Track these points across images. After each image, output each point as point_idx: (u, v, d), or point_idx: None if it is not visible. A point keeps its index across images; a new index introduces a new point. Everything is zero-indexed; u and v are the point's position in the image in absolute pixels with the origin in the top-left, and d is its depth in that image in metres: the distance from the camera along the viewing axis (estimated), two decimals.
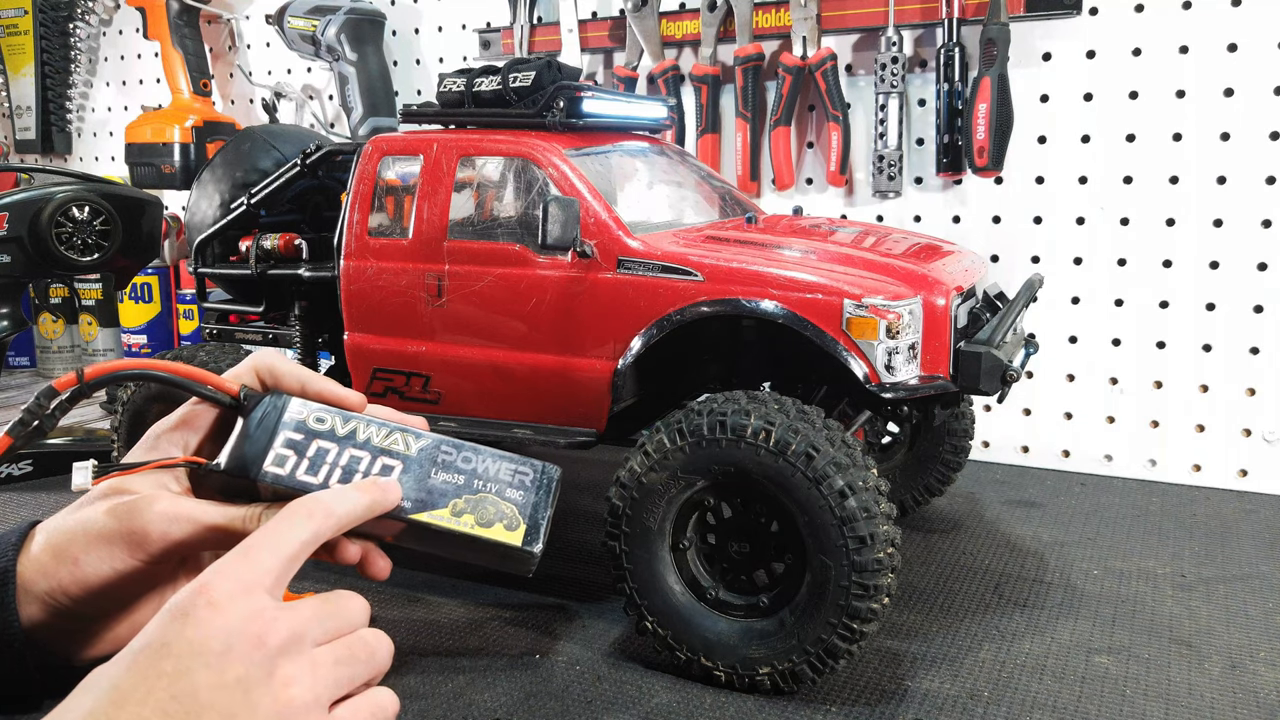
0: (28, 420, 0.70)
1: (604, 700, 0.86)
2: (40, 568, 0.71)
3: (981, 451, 1.58)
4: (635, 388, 1.03)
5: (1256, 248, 1.39)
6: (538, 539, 0.71)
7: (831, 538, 0.82)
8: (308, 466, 0.70)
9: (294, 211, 1.35)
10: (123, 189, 1.47)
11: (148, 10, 2.05)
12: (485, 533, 0.70)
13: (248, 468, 0.69)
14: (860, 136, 1.60)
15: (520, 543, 0.70)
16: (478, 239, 1.05)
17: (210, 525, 0.70)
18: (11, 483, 1.46)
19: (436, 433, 0.75)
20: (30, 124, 2.43)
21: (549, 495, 0.73)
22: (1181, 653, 0.95)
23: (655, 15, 1.67)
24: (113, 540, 0.70)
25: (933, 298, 0.92)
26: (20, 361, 2.25)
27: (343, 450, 0.71)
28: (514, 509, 0.71)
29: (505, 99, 1.11)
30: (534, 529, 0.71)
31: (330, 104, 2.09)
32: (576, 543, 1.23)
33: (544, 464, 0.74)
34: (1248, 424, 1.42)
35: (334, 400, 0.75)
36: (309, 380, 0.76)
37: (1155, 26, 1.40)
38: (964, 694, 0.88)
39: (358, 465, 0.71)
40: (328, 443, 0.72)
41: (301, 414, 0.72)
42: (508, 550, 0.70)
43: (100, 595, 0.71)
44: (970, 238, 1.54)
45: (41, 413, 0.70)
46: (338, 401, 0.75)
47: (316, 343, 1.27)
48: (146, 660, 0.54)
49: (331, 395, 0.76)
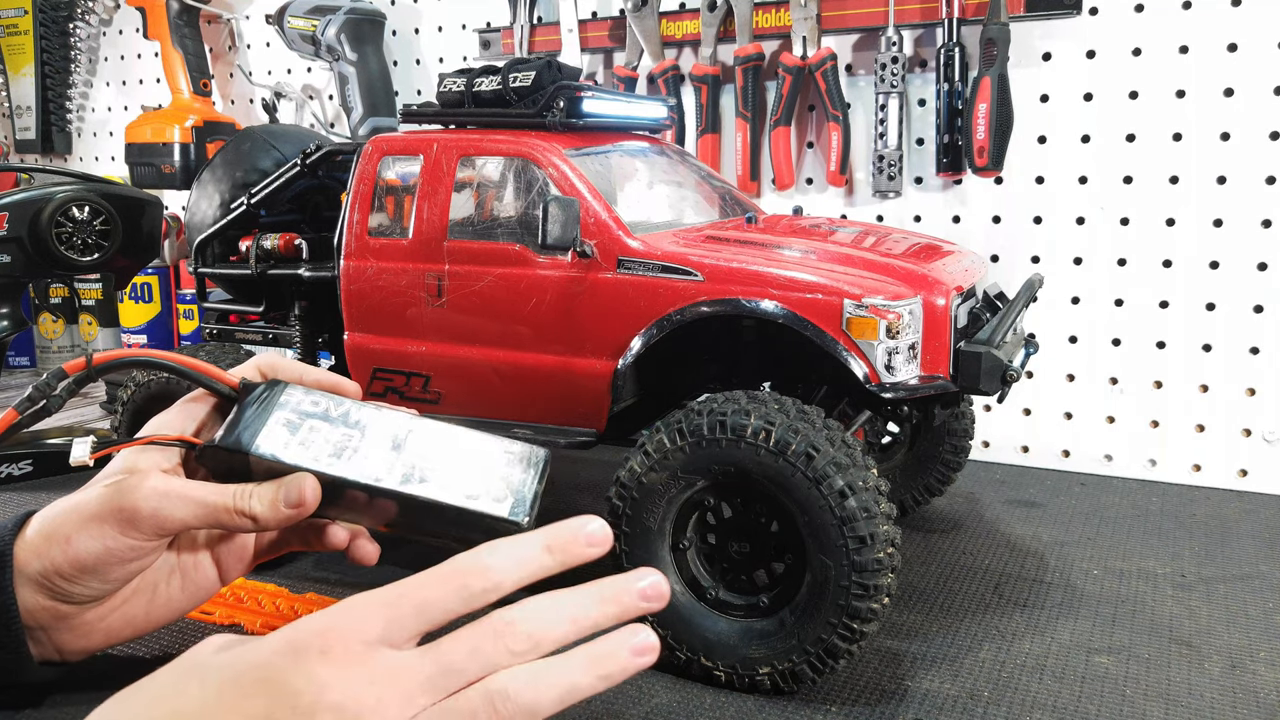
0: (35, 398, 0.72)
1: (604, 700, 0.86)
2: (34, 549, 0.72)
3: (981, 451, 1.58)
4: (635, 388, 1.03)
5: (1256, 248, 1.38)
6: (524, 511, 0.72)
7: (831, 538, 0.82)
8: (300, 444, 0.72)
9: (294, 211, 1.35)
10: (123, 189, 1.47)
11: (148, 10, 2.05)
12: (473, 505, 0.71)
13: (243, 443, 0.71)
14: (860, 136, 1.60)
15: (507, 513, 0.71)
16: (478, 239, 1.05)
17: (201, 501, 0.72)
18: (11, 483, 1.46)
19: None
20: (30, 124, 2.43)
21: (537, 472, 0.75)
22: (1181, 653, 0.95)
23: (655, 15, 1.67)
24: (104, 518, 0.71)
25: (933, 298, 0.92)
26: (20, 361, 2.26)
27: (334, 430, 0.73)
28: (503, 483, 0.73)
29: (505, 99, 1.11)
30: (520, 502, 0.72)
31: (330, 104, 2.09)
32: None
33: (533, 446, 0.76)
34: (1248, 424, 1.42)
35: (330, 387, 0.78)
36: (306, 372, 0.79)
37: (1155, 26, 1.40)
38: (964, 694, 0.88)
39: (349, 443, 0.72)
40: (320, 423, 0.74)
41: (297, 397, 0.74)
42: (495, 522, 0.71)
43: (91, 575, 0.72)
44: (970, 238, 1.54)
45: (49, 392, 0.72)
46: (333, 388, 0.78)
47: (316, 343, 1.27)
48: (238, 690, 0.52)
49: (328, 384, 0.79)
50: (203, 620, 0.99)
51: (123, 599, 0.76)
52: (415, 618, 0.54)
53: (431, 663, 0.53)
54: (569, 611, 0.56)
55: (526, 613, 0.55)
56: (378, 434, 0.73)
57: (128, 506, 0.70)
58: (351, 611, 0.54)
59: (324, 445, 0.72)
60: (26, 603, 0.72)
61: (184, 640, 0.94)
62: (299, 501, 0.70)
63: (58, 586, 0.72)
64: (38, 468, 1.49)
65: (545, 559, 0.58)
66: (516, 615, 0.55)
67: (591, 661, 0.55)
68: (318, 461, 0.71)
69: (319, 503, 0.72)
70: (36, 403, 0.72)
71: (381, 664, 0.53)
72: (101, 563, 0.71)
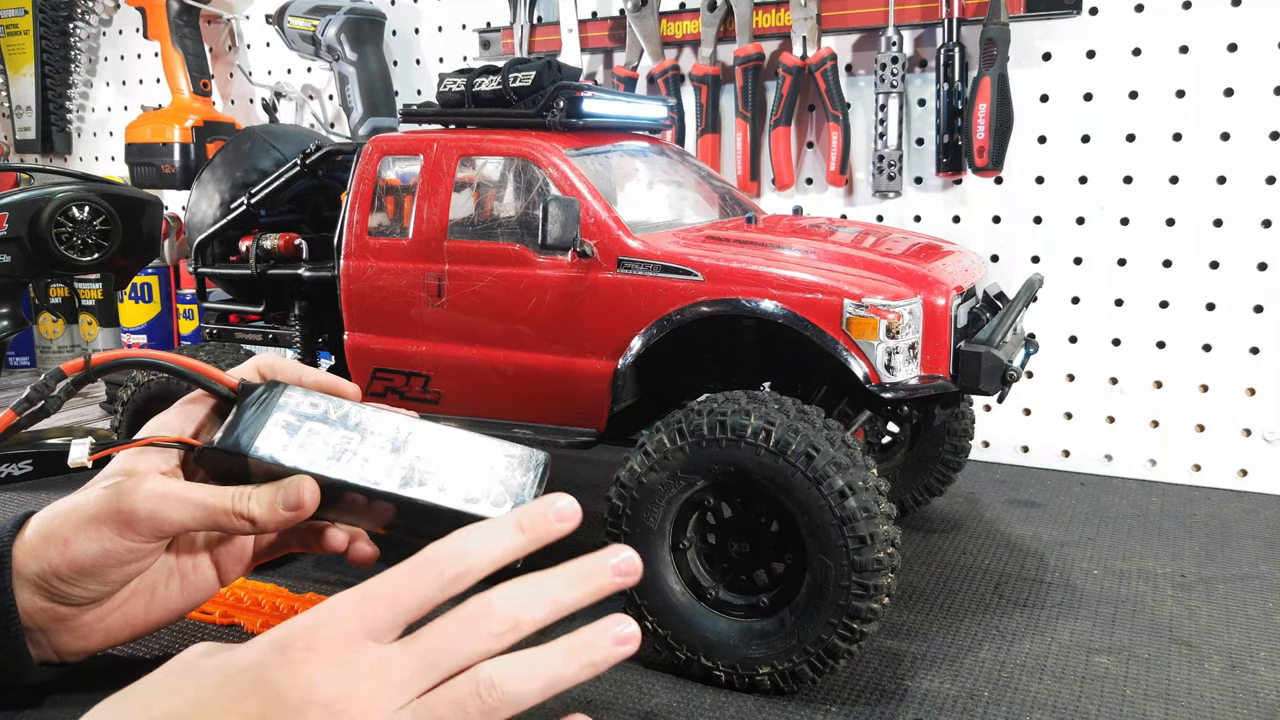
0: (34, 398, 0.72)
1: (604, 700, 0.86)
2: (32, 550, 0.72)
3: (981, 451, 1.58)
4: (635, 388, 1.03)
5: (1256, 248, 1.38)
6: None
7: (831, 538, 0.82)
8: (299, 447, 0.72)
9: (294, 211, 1.35)
10: (123, 189, 1.47)
11: (148, 10, 2.05)
12: (471, 508, 0.71)
13: (241, 445, 0.71)
14: (860, 136, 1.60)
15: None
16: (478, 239, 1.05)
17: (199, 503, 0.72)
18: (11, 483, 1.46)
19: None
20: (30, 124, 2.43)
21: (537, 476, 0.74)
22: (1181, 653, 0.95)
23: (655, 15, 1.67)
24: (102, 520, 0.71)
25: (933, 297, 0.92)
26: (20, 361, 2.26)
27: (333, 432, 0.73)
28: (501, 488, 0.73)
29: (505, 99, 1.11)
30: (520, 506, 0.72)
31: (330, 104, 2.09)
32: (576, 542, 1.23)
33: (534, 449, 0.76)
34: (1248, 424, 1.42)
35: (329, 389, 0.78)
36: (305, 373, 0.79)
37: (1155, 26, 1.40)
38: (964, 694, 0.88)
39: (347, 446, 0.72)
40: (319, 425, 0.73)
41: (296, 399, 0.74)
42: None
43: (89, 576, 0.72)
44: (970, 238, 1.54)
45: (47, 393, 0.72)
46: (332, 389, 0.78)
47: (316, 343, 1.27)
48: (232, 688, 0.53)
49: (327, 385, 0.78)
50: (202, 620, 0.99)
51: (121, 600, 0.76)
52: (393, 609, 0.55)
53: (416, 654, 0.54)
54: (547, 592, 0.58)
55: (505, 595, 0.56)
56: (377, 436, 0.73)
57: (125, 509, 0.70)
58: (335, 610, 0.55)
59: (323, 447, 0.72)
60: (25, 604, 0.72)
61: (183, 640, 0.94)
62: (297, 504, 0.70)
63: (55, 588, 0.72)
64: (37, 468, 1.49)
65: (518, 538, 0.60)
66: (495, 598, 0.56)
67: (574, 651, 0.57)
68: (316, 464, 0.71)
69: (318, 505, 0.71)
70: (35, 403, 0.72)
71: (367, 659, 0.53)
72: (99, 565, 0.71)
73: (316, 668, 0.52)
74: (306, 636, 0.54)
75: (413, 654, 0.54)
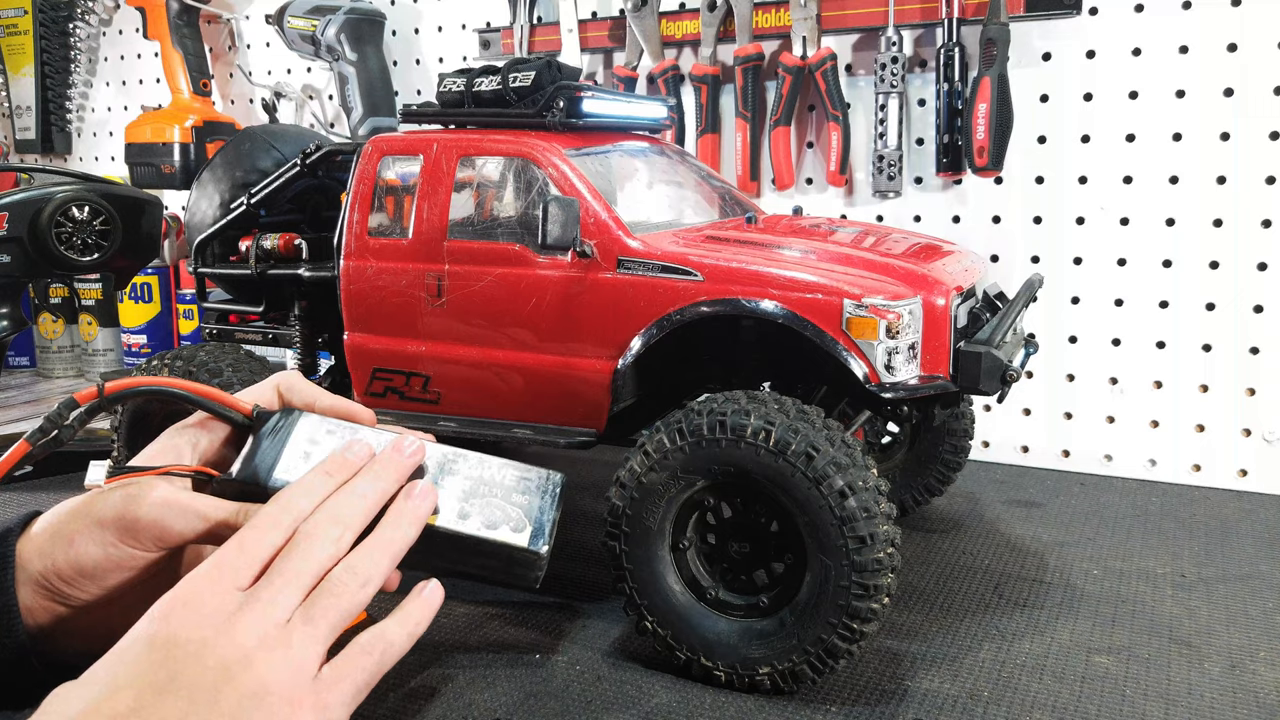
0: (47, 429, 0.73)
1: (604, 700, 0.86)
2: (37, 548, 0.72)
3: (981, 451, 1.58)
4: (635, 388, 1.03)
5: (1256, 248, 1.39)
6: (543, 539, 0.71)
7: (831, 538, 0.82)
8: None
9: (294, 211, 1.35)
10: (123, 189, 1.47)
11: (148, 10, 2.04)
12: (492, 534, 0.71)
13: (260, 477, 0.71)
14: (860, 136, 1.60)
15: (526, 543, 0.71)
16: (478, 239, 1.05)
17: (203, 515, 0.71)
18: (11, 482, 1.46)
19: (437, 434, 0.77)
20: (30, 124, 2.43)
21: (554, 500, 0.74)
22: (1181, 653, 0.95)
23: (655, 15, 1.67)
24: (106, 524, 0.71)
25: (933, 297, 0.92)
26: (20, 361, 2.25)
27: None
28: (520, 512, 0.72)
29: (505, 99, 1.11)
30: (539, 530, 0.72)
31: (330, 104, 2.09)
32: (577, 543, 1.23)
33: (549, 471, 0.76)
34: (1248, 424, 1.42)
35: (344, 414, 0.78)
36: (320, 396, 0.79)
37: (1155, 26, 1.40)
38: (964, 694, 0.88)
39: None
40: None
41: (312, 426, 0.74)
42: (513, 552, 0.71)
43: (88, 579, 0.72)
44: (970, 238, 1.54)
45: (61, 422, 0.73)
46: (348, 415, 0.78)
47: (316, 343, 1.27)
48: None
49: (343, 410, 0.79)
50: None
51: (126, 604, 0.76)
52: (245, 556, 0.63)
53: (279, 579, 0.61)
54: (358, 491, 0.67)
55: (325, 509, 0.65)
56: None
57: (129, 515, 0.70)
58: (193, 582, 0.61)
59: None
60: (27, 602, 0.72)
61: None
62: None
63: (57, 588, 0.72)
64: (37, 467, 1.49)
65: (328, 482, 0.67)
66: (318, 514, 0.64)
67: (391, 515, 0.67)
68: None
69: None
70: (48, 433, 0.73)
71: (240, 600, 0.60)
72: (100, 568, 0.71)
73: (209, 632, 0.58)
74: (184, 611, 0.59)
75: (276, 581, 0.61)
